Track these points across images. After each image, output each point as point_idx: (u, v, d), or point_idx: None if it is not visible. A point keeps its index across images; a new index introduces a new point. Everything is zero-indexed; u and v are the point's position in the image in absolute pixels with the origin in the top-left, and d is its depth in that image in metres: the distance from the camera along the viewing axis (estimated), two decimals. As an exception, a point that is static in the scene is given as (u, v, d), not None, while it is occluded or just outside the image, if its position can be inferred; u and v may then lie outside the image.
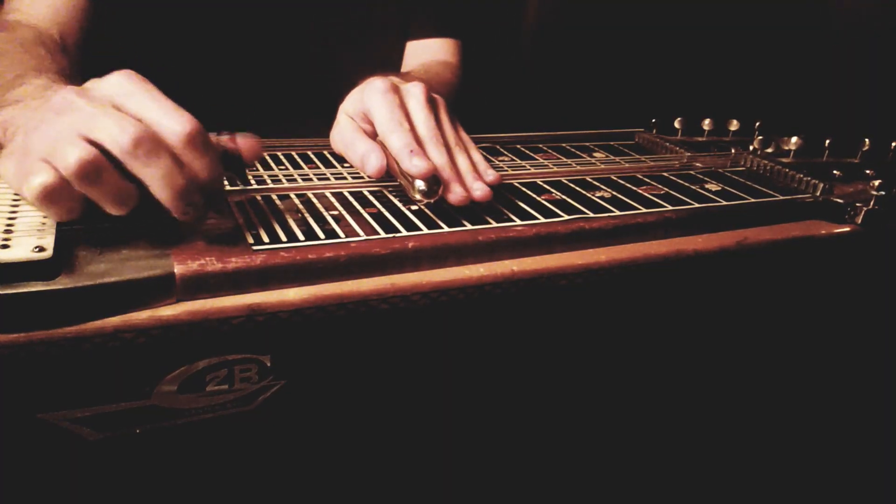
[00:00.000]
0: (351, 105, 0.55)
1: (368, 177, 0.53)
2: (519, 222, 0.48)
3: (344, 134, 0.54)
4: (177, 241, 0.40)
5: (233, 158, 0.44)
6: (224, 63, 0.77)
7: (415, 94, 0.52)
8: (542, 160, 0.65)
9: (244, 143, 0.45)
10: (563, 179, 0.59)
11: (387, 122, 0.50)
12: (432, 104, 0.53)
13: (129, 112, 0.38)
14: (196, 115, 0.39)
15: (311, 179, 0.54)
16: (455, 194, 0.48)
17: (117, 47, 0.39)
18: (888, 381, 0.71)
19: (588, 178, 0.60)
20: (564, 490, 0.59)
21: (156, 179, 0.37)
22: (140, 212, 0.39)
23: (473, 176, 0.51)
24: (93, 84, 0.40)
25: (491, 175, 0.52)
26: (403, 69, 0.88)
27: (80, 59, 0.66)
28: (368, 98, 0.52)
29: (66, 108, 0.38)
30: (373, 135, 0.53)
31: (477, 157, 0.53)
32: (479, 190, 0.49)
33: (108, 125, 0.36)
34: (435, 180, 0.47)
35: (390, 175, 0.50)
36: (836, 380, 0.70)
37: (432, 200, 0.47)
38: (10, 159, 0.39)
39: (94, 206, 0.38)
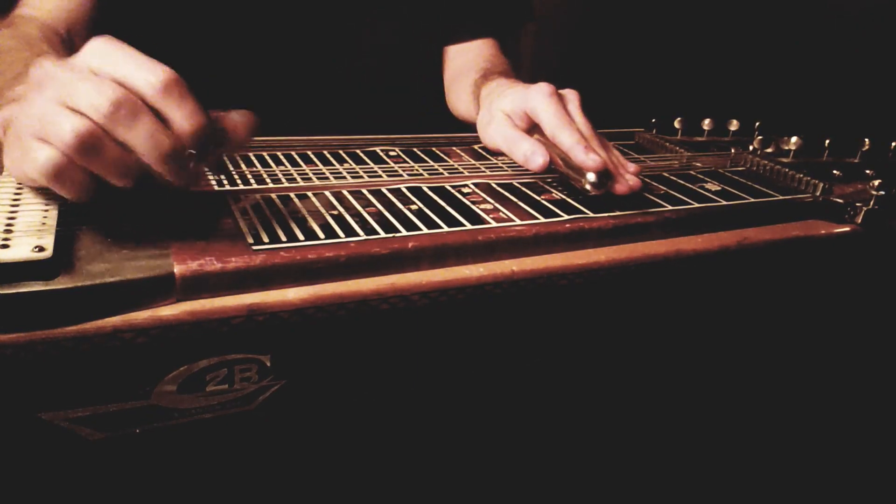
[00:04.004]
0: (510, 104, 0.62)
1: (531, 171, 0.58)
2: (519, 222, 0.48)
3: (505, 132, 0.60)
4: (177, 241, 0.40)
5: (214, 133, 0.40)
6: (238, 59, 0.76)
7: (573, 100, 0.60)
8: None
9: (232, 120, 0.41)
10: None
11: (555, 120, 0.56)
12: (583, 108, 0.60)
13: (104, 74, 0.36)
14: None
15: (310, 179, 0.54)
16: (621, 185, 0.54)
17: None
18: (888, 381, 0.71)
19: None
20: (564, 489, 0.59)
21: (140, 141, 0.36)
22: (141, 192, 0.38)
23: (623, 169, 0.57)
24: (74, 55, 0.39)
25: (632, 166, 0.58)
26: (451, 70, 0.90)
27: None
28: (534, 99, 0.58)
29: (44, 81, 0.37)
30: (527, 133, 0.60)
31: (616, 152, 0.60)
32: (632, 180, 0.55)
33: (86, 90, 0.35)
34: (605, 173, 0.52)
35: (553, 168, 0.56)
36: (837, 380, 0.70)
37: (601, 192, 0.51)
38: (9, 150, 0.39)
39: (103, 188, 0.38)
